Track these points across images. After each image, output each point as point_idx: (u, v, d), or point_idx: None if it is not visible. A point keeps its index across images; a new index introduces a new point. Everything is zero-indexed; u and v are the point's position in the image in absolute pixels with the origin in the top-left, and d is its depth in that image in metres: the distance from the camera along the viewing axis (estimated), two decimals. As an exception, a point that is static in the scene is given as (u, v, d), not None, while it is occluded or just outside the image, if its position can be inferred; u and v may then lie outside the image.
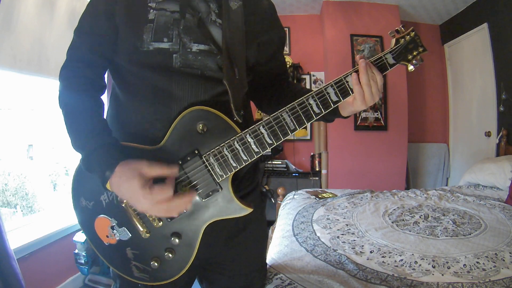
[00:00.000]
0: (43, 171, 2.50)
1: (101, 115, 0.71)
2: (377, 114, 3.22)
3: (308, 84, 3.57)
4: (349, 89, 0.70)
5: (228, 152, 0.66)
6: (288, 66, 3.31)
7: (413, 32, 0.73)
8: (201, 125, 0.66)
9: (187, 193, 0.64)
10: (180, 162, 0.66)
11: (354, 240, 1.41)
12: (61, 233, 2.07)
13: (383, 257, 1.24)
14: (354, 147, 3.25)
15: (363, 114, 3.22)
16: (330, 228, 1.56)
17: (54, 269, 2.01)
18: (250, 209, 0.70)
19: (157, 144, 0.67)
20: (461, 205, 1.87)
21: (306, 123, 0.69)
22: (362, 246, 1.34)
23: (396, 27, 0.74)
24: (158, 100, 0.69)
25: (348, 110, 0.75)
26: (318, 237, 1.45)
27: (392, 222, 1.62)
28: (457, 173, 3.51)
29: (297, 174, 3.29)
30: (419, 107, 3.68)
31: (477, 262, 1.16)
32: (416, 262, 1.19)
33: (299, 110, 0.68)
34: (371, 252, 1.29)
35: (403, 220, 1.65)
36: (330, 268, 1.16)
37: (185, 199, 0.63)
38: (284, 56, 0.94)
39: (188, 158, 0.66)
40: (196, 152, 0.66)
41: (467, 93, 3.40)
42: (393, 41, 0.73)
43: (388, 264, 1.19)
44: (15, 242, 1.73)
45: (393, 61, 0.72)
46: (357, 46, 3.21)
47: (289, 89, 0.85)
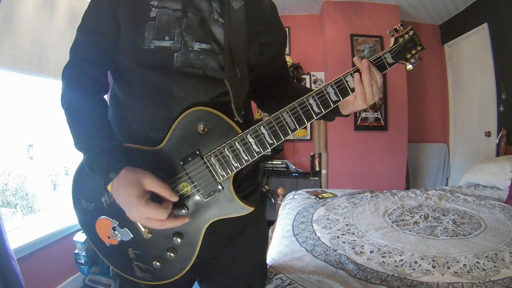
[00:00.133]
0: (43, 171, 2.49)
1: (106, 116, 0.71)
2: (377, 114, 3.22)
3: (308, 84, 3.56)
4: (349, 89, 0.70)
5: (229, 152, 0.66)
6: (288, 66, 3.30)
7: (412, 31, 0.73)
8: (202, 126, 0.66)
9: (179, 218, 0.65)
10: (181, 163, 0.66)
11: (354, 240, 1.41)
12: (61, 233, 2.08)
13: (383, 257, 1.24)
14: (354, 147, 3.25)
15: (363, 114, 3.21)
16: (330, 228, 1.56)
17: (54, 269, 2.01)
18: (252, 208, 0.70)
19: (158, 145, 0.67)
20: (461, 205, 1.87)
21: (307, 123, 0.69)
22: (362, 246, 1.34)
23: (395, 26, 0.74)
24: (159, 101, 0.68)
25: (349, 109, 0.75)
26: (318, 237, 1.45)
27: (392, 222, 1.62)
28: (457, 173, 3.51)
29: (297, 174, 3.29)
30: (419, 107, 3.68)
31: (477, 262, 1.16)
32: (416, 262, 1.19)
33: (300, 110, 0.68)
34: (371, 252, 1.29)
35: (403, 220, 1.65)
36: (330, 268, 1.16)
37: (177, 223, 0.64)
38: (285, 57, 0.94)
39: (189, 159, 0.66)
40: (197, 153, 0.66)
41: (467, 93, 3.40)
42: (392, 40, 0.73)
43: (388, 264, 1.19)
44: (15, 242, 1.73)
45: (392, 60, 0.72)
46: (357, 46, 3.21)
47: (290, 89, 0.85)
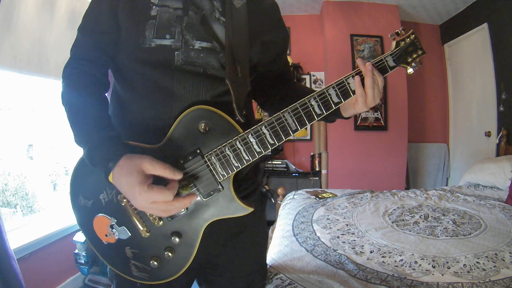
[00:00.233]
0: (43, 171, 2.49)
1: (106, 112, 0.71)
2: (377, 114, 3.22)
3: (308, 84, 3.56)
4: (350, 91, 0.70)
5: (230, 152, 0.66)
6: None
7: (413, 35, 0.74)
8: (203, 125, 0.66)
9: (188, 196, 0.63)
10: (182, 161, 0.66)
11: (354, 240, 1.41)
12: (61, 233, 2.08)
13: (383, 257, 1.24)
14: (354, 147, 3.25)
15: (363, 114, 3.21)
16: (330, 228, 1.56)
17: (54, 269, 2.01)
18: (251, 209, 0.70)
19: (159, 143, 0.67)
20: (461, 205, 1.87)
21: (308, 124, 0.69)
22: (362, 246, 1.34)
23: (397, 30, 0.74)
24: (159, 99, 0.68)
25: (350, 112, 0.75)
26: (318, 237, 1.45)
27: (392, 222, 1.62)
28: (457, 173, 3.51)
29: (297, 174, 3.29)
30: (419, 107, 3.68)
31: (477, 262, 1.16)
32: (416, 262, 1.19)
33: (301, 111, 0.68)
34: (371, 252, 1.29)
35: (403, 220, 1.65)
36: (330, 268, 1.16)
37: (186, 202, 0.63)
38: (287, 57, 0.93)
39: (190, 157, 0.66)
40: (198, 152, 0.66)
41: (467, 93, 3.40)
42: (393, 44, 0.73)
43: (388, 264, 1.19)
44: (15, 242, 1.73)
45: (393, 64, 0.73)
46: (357, 46, 3.21)
47: (292, 90, 0.84)
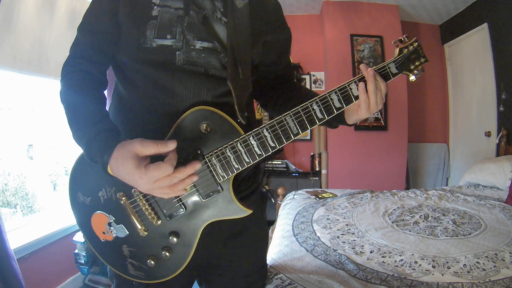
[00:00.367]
0: (43, 171, 2.50)
1: (103, 108, 0.70)
2: (377, 114, 3.22)
3: (308, 84, 3.57)
4: (352, 96, 0.70)
5: (231, 154, 0.66)
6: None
7: (416, 43, 0.74)
8: (205, 125, 0.65)
9: (189, 165, 0.59)
10: (182, 162, 0.66)
11: (354, 240, 1.41)
12: (61, 233, 2.08)
13: (383, 257, 1.24)
14: (354, 147, 3.25)
15: (363, 114, 3.21)
16: (330, 228, 1.56)
17: (54, 269, 2.01)
18: (250, 211, 0.70)
19: None
20: (461, 205, 1.87)
21: (309, 128, 0.69)
22: (362, 246, 1.34)
23: (400, 37, 0.74)
24: (160, 99, 0.68)
25: (353, 118, 0.75)
26: (318, 237, 1.45)
27: (392, 222, 1.62)
28: (457, 173, 3.51)
29: (297, 174, 3.29)
30: (419, 107, 3.68)
31: (477, 262, 1.17)
32: (416, 262, 1.19)
33: (303, 115, 0.68)
34: (371, 252, 1.29)
35: (403, 220, 1.65)
36: (330, 268, 1.16)
37: (187, 171, 0.59)
38: (290, 58, 0.92)
39: (190, 158, 0.66)
40: (199, 152, 0.66)
41: (467, 93, 3.40)
42: (397, 51, 0.74)
43: (388, 264, 1.19)
44: (15, 242, 1.73)
45: (396, 71, 0.73)
46: (357, 46, 3.21)
47: (296, 93, 0.84)
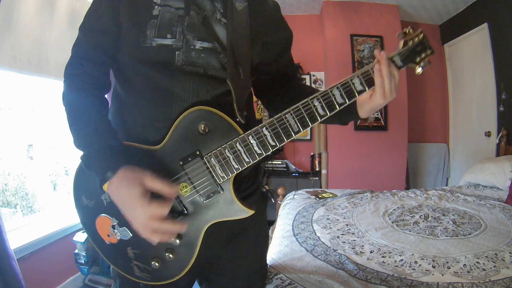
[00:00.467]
0: (43, 171, 2.50)
1: (106, 115, 0.71)
2: (377, 114, 3.22)
3: (308, 84, 3.57)
4: (356, 91, 0.68)
5: (230, 154, 0.66)
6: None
7: (422, 34, 0.70)
8: (203, 126, 0.65)
9: (179, 223, 0.65)
10: (181, 163, 0.66)
11: (354, 240, 1.41)
12: (61, 233, 2.08)
13: (383, 257, 1.24)
14: (354, 147, 3.25)
15: (363, 114, 3.22)
16: (330, 228, 1.56)
17: (54, 269, 2.01)
18: (252, 211, 0.70)
19: (158, 144, 0.67)
20: (461, 205, 1.87)
21: (311, 125, 0.66)
22: (362, 246, 1.34)
23: (404, 29, 0.71)
24: (160, 99, 0.68)
25: (366, 108, 0.71)
26: (318, 237, 1.45)
27: (392, 222, 1.62)
28: (457, 173, 3.51)
29: (297, 174, 3.29)
30: (419, 107, 3.68)
31: (477, 262, 1.16)
32: (416, 262, 1.19)
33: (304, 112, 0.66)
34: (371, 252, 1.29)
35: (403, 220, 1.65)
36: (330, 268, 1.16)
37: (175, 227, 0.64)
38: (292, 57, 0.90)
39: (189, 159, 0.66)
40: (198, 153, 0.66)
41: (467, 93, 3.40)
42: (401, 43, 0.70)
43: (388, 264, 1.19)
44: (15, 242, 1.73)
45: (401, 64, 0.69)
46: (357, 46, 3.21)
47: (299, 91, 0.83)
